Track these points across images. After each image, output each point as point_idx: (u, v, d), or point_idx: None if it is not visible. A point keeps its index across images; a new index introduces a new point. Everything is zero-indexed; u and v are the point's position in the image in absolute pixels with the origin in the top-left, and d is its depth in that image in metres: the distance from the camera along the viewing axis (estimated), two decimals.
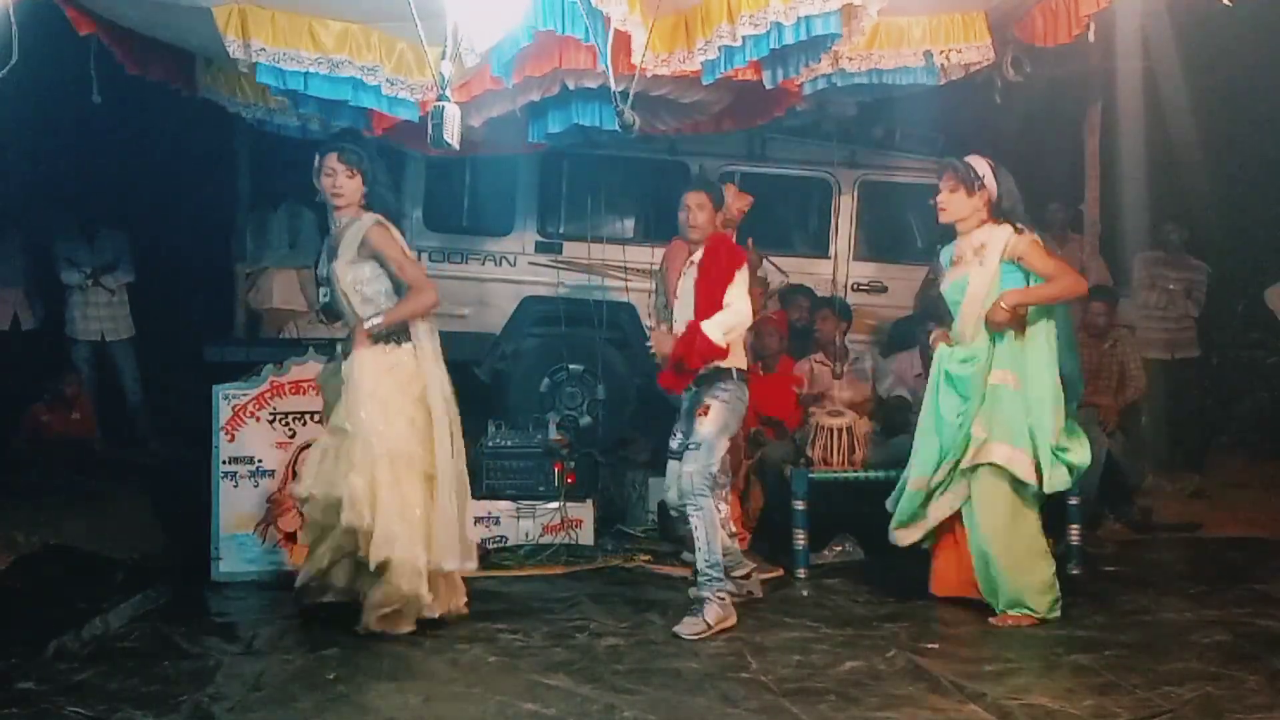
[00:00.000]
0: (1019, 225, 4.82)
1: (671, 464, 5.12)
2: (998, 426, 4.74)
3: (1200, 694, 3.74)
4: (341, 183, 4.59)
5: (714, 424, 4.88)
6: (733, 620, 4.73)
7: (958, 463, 4.79)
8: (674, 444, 5.11)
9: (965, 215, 4.87)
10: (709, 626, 4.65)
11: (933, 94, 5.92)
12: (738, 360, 5.02)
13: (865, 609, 4.93)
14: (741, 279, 4.95)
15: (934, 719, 3.60)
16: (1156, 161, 7.72)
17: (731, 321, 4.89)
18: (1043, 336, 4.81)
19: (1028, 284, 4.80)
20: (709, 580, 4.76)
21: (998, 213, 4.84)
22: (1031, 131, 7.84)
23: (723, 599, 4.76)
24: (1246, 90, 8.37)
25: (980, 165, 4.87)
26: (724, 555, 4.91)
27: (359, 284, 4.58)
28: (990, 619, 4.72)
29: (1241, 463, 8.35)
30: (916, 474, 4.93)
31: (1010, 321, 4.74)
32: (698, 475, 4.83)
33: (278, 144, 6.83)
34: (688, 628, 4.64)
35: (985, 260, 4.83)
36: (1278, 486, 7.49)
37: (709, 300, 4.89)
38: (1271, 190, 8.71)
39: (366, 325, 4.53)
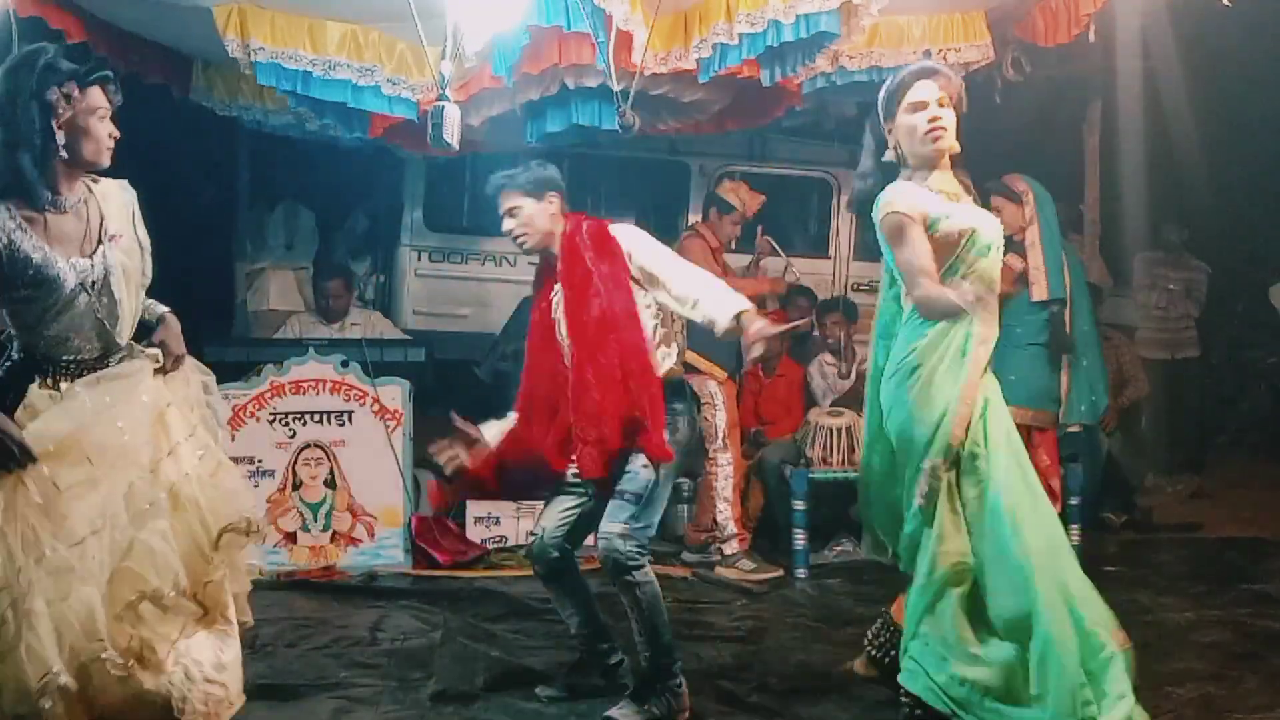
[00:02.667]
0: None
1: (554, 500, 3.71)
2: None
3: (1200, 694, 3.74)
4: None
5: (652, 468, 3.45)
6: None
7: None
8: (569, 473, 3.61)
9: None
10: None
11: None
12: (669, 364, 3.60)
13: (865, 609, 4.92)
14: (642, 251, 3.51)
15: None
16: (1156, 161, 7.71)
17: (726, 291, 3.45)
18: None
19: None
20: (656, 673, 3.52)
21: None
22: (1031, 131, 7.84)
23: (678, 688, 3.54)
24: (1246, 90, 8.37)
25: None
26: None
27: None
28: None
29: (1241, 463, 8.37)
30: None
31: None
32: (630, 540, 3.40)
33: (277, 144, 6.84)
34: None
35: None
36: (1278, 486, 7.49)
37: (602, 321, 3.40)
38: (1271, 190, 8.71)
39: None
